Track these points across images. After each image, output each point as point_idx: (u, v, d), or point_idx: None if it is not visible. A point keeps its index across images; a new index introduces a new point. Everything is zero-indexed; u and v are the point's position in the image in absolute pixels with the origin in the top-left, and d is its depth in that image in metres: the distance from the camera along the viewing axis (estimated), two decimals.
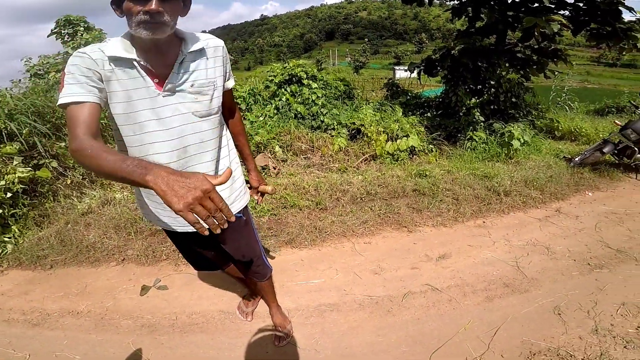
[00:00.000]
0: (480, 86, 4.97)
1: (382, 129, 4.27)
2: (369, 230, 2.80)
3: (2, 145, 2.99)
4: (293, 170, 3.86)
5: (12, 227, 2.73)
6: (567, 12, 4.71)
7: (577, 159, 3.87)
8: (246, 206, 1.45)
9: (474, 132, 4.49)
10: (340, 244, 2.67)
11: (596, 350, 1.67)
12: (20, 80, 5.14)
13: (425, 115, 5.06)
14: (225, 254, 1.55)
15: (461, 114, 4.81)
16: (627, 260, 2.37)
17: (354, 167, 4.01)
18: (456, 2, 5.42)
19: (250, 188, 1.59)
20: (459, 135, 4.66)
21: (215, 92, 1.19)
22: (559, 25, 3.97)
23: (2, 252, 2.59)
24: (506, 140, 4.16)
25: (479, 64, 4.86)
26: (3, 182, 2.67)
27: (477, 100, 4.83)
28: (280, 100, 4.96)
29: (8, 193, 2.71)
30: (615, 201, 3.24)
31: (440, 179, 3.54)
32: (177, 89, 1.10)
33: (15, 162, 2.89)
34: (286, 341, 1.81)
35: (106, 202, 3.23)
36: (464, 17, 5.41)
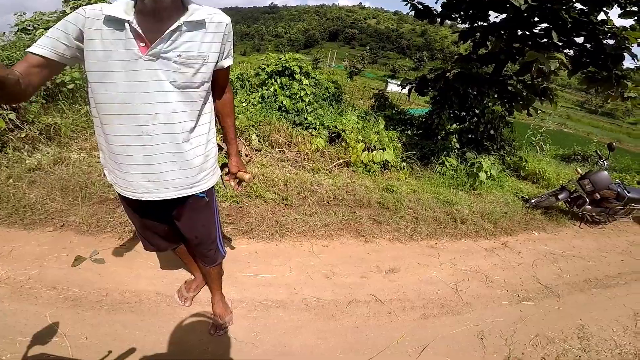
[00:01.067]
0: (464, 113, 5.05)
1: (362, 138, 4.30)
2: (329, 234, 2.82)
3: None
4: (265, 162, 3.81)
5: None
6: (571, 52, 4.75)
7: (533, 201, 4.06)
8: (212, 188, 1.43)
9: (447, 157, 4.61)
10: (299, 242, 2.67)
11: None
12: (4, 33, 4.83)
13: (406, 132, 5.14)
14: (178, 232, 1.51)
15: (439, 137, 4.92)
16: (551, 296, 2.57)
17: (326, 170, 4.02)
18: (466, 26, 5.41)
19: (228, 173, 1.54)
20: (432, 158, 4.76)
21: (203, 67, 1.17)
22: (557, 64, 3.98)
23: None
24: (474, 171, 4.32)
25: (469, 90, 4.93)
26: None
27: (458, 127, 4.96)
28: (267, 89, 4.87)
29: None
30: (556, 243, 3.44)
31: (405, 196, 3.63)
32: (161, 55, 1.09)
33: None
34: (223, 331, 1.77)
35: (59, 160, 3.01)
36: (469, 41, 5.43)
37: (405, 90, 5.88)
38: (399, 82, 6.17)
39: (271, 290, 2.13)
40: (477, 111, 4.99)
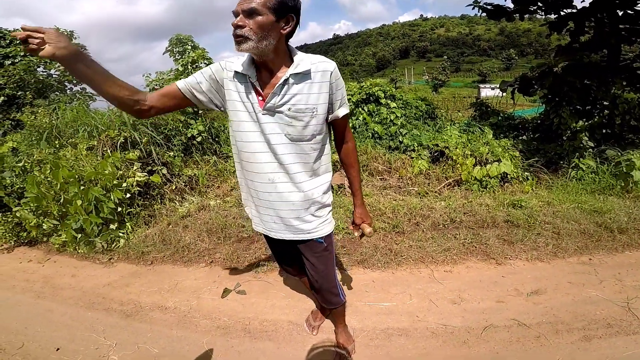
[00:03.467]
0: (589, 107, 4.61)
1: (470, 152, 4.19)
2: (451, 259, 2.79)
3: (127, 152, 3.72)
4: (368, 191, 4.01)
5: (127, 223, 3.38)
6: None
7: None
8: (330, 235, 1.52)
9: (581, 159, 4.15)
10: (417, 269, 2.70)
11: None
12: None
13: (520, 138, 4.83)
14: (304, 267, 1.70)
15: (565, 138, 4.49)
16: None
17: (435, 192, 4.00)
18: (553, 16, 5.22)
19: (352, 223, 1.63)
20: (562, 162, 4.35)
21: (313, 120, 1.25)
22: None
23: (115, 245, 3.23)
24: (623, 170, 3.76)
25: (587, 82, 4.54)
26: (125, 184, 3.35)
27: (586, 123, 4.48)
28: (357, 119, 5.18)
29: (127, 194, 3.38)
30: None
31: (538, 210, 3.37)
32: (275, 109, 1.22)
33: (135, 167, 3.60)
34: None
35: (202, 207, 3.77)
36: (563, 31, 5.19)
37: (505, 94, 5.65)
38: (492, 86, 6.03)
39: (392, 318, 2.18)
40: (605, 103, 4.52)
